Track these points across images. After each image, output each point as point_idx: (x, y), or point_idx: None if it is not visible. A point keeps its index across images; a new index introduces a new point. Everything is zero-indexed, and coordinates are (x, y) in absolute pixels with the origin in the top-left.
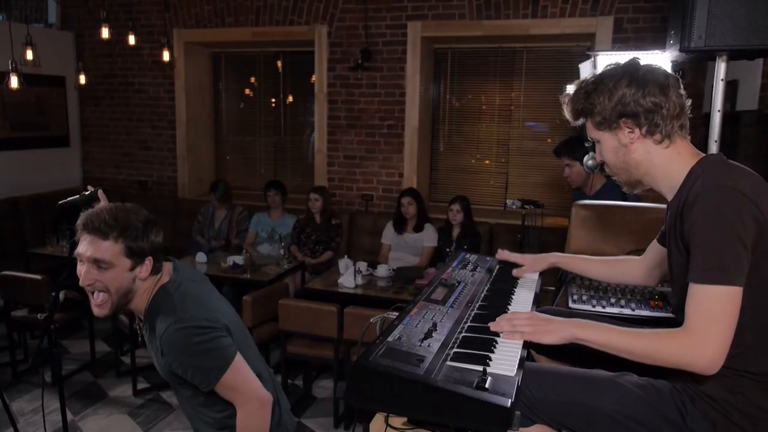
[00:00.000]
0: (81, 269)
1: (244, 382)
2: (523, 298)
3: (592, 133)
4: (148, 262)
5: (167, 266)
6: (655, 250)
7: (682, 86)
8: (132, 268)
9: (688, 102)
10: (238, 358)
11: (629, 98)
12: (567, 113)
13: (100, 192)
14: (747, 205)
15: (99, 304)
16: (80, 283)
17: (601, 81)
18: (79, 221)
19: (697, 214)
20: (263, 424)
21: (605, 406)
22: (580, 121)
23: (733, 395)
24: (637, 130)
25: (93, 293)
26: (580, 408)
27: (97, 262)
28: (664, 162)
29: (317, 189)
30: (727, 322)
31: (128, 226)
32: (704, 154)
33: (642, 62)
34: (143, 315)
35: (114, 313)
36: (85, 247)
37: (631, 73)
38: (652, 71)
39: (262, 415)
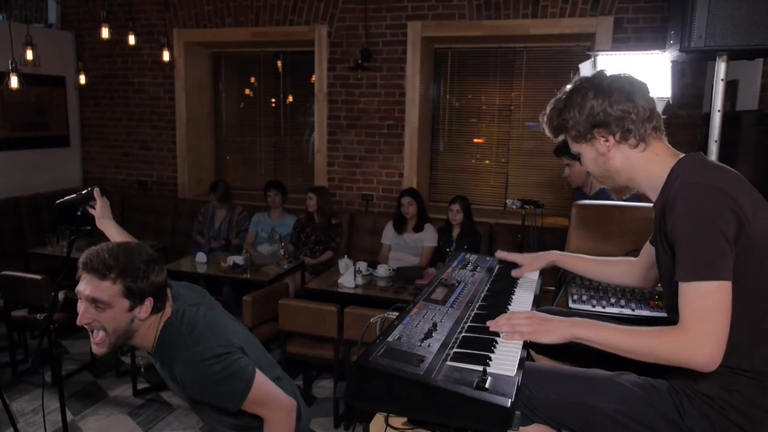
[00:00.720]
0: (80, 307)
1: (268, 395)
2: (523, 299)
3: (573, 147)
4: (149, 303)
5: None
6: (648, 251)
7: (649, 91)
8: (131, 309)
9: (660, 104)
10: (259, 375)
11: (597, 109)
12: (547, 132)
13: (96, 191)
14: (726, 200)
15: (97, 343)
16: (78, 321)
17: (569, 97)
18: (80, 259)
19: (678, 213)
20: (289, 429)
21: (604, 405)
22: (561, 138)
23: (729, 393)
24: (611, 138)
25: (92, 331)
26: (579, 407)
27: (94, 302)
28: (643, 164)
29: (313, 189)
30: (720, 317)
31: (128, 267)
32: (684, 154)
33: (608, 73)
34: (151, 351)
35: (113, 351)
36: (83, 286)
37: (596, 84)
38: (616, 80)
39: (288, 422)
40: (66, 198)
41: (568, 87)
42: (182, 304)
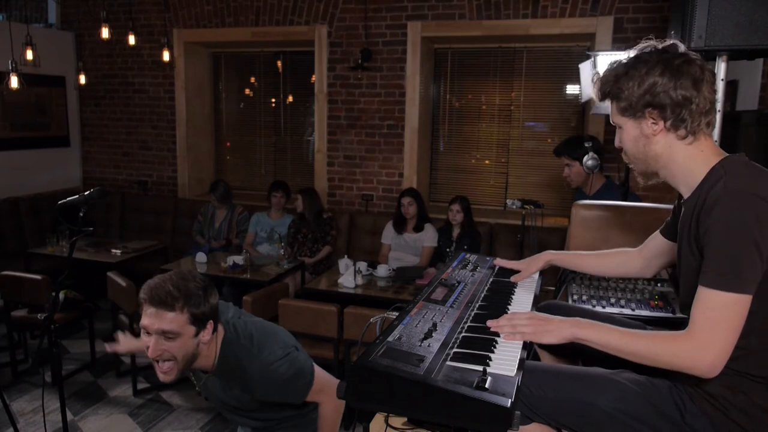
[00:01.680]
0: (147, 341)
1: (326, 382)
2: (523, 299)
3: (615, 117)
4: (210, 326)
5: None
6: (656, 240)
7: (715, 81)
8: (196, 334)
9: (719, 98)
10: (315, 366)
11: (660, 88)
12: (594, 92)
13: (119, 336)
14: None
15: (165, 371)
16: (149, 354)
17: (634, 66)
18: (143, 294)
19: (716, 219)
20: (342, 408)
21: (603, 403)
22: (607, 102)
23: (733, 394)
24: (661, 123)
25: (158, 361)
26: (578, 406)
27: (165, 334)
28: (685, 158)
29: (299, 190)
30: (732, 328)
31: (190, 295)
32: (727, 154)
33: (681, 49)
34: (212, 370)
35: (180, 377)
36: (151, 319)
37: (666, 60)
38: (689, 62)
39: (341, 402)
40: (69, 199)
41: (633, 53)
42: (230, 318)
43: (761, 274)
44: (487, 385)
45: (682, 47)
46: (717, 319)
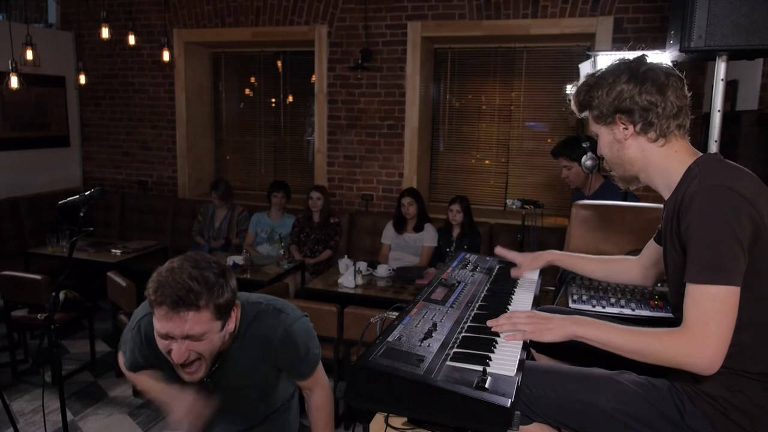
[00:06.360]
0: (169, 345)
1: (321, 367)
2: (523, 299)
3: (592, 126)
4: (234, 312)
5: None
6: (651, 249)
7: (685, 87)
8: (222, 328)
9: (690, 102)
10: None
11: (626, 94)
12: (572, 106)
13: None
14: (744, 204)
15: (193, 372)
16: (175, 361)
17: (603, 75)
18: (155, 295)
19: (694, 214)
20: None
21: (603, 403)
22: (585, 114)
23: (731, 393)
24: (631, 127)
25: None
26: (578, 405)
27: (191, 337)
28: (659, 160)
29: (318, 188)
30: (725, 321)
31: (212, 286)
32: (701, 154)
33: (648, 59)
34: (227, 348)
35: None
36: (173, 324)
37: (632, 69)
38: (653, 69)
39: (332, 398)
40: (69, 199)
41: (606, 65)
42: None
43: (745, 264)
44: (487, 385)
45: (649, 58)
46: (709, 314)
